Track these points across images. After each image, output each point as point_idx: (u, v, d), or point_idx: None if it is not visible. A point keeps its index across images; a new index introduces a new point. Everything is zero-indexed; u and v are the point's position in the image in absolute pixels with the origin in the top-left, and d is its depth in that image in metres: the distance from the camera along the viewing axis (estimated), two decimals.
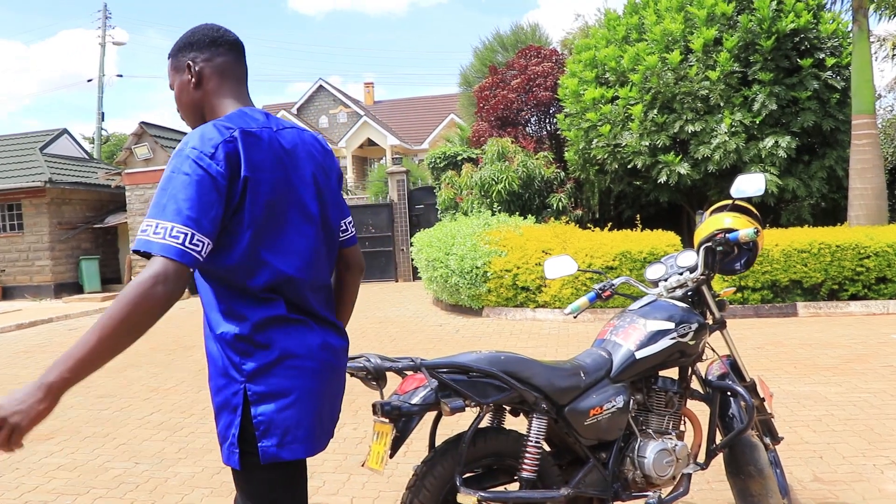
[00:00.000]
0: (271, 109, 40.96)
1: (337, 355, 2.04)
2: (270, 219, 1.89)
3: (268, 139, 1.93)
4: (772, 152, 11.74)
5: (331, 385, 2.01)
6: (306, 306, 1.98)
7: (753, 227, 3.03)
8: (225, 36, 2.08)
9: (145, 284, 1.65)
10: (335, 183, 2.15)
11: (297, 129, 2.09)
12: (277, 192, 1.90)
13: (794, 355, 7.26)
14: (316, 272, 2.01)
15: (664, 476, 2.89)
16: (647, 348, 2.92)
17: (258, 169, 1.86)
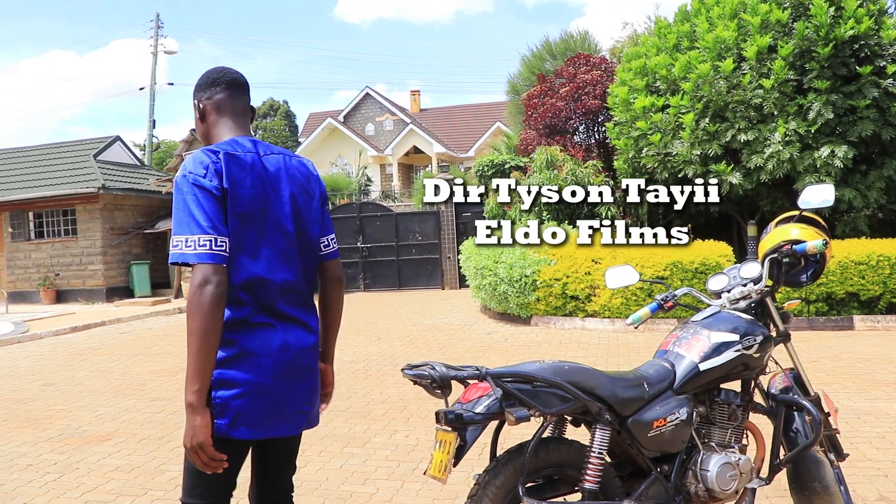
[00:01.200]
0: (318, 118, 41.45)
1: (300, 353, 2.34)
2: (246, 228, 2.25)
3: (250, 161, 2.30)
4: (827, 162, 11.49)
5: (288, 380, 2.29)
6: (275, 307, 2.30)
7: (822, 239, 2.97)
8: (224, 76, 2.47)
9: (197, 292, 2.08)
10: (317, 203, 2.49)
11: (284, 156, 2.44)
12: (254, 205, 2.27)
13: (853, 370, 7.09)
14: (286, 277, 2.34)
15: (727, 490, 2.85)
16: (711, 360, 2.87)
17: (236, 184, 2.23)
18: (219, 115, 2.44)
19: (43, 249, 18.80)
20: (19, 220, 19.02)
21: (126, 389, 7.50)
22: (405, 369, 2.51)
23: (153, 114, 27.59)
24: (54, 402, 7.17)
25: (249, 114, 2.51)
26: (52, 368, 9.11)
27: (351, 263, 18.81)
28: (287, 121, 48.67)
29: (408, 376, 2.49)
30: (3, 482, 4.82)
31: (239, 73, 2.51)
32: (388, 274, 18.63)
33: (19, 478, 4.90)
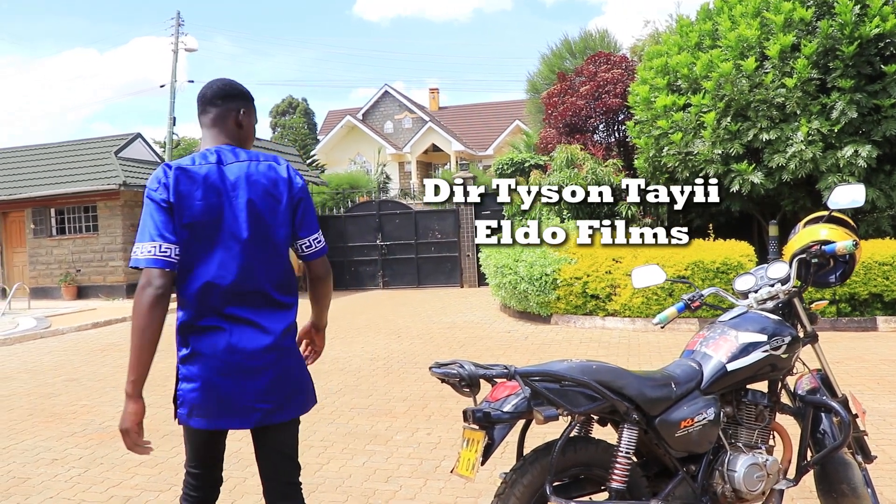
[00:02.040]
0: (337, 115, 41.56)
1: (249, 355, 2.45)
2: (197, 237, 2.41)
3: (204, 174, 2.43)
4: (850, 161, 11.38)
5: (236, 379, 2.45)
6: (223, 311, 2.44)
7: (852, 240, 2.95)
8: (205, 94, 2.62)
9: (139, 291, 2.33)
10: (285, 206, 2.53)
11: (251, 162, 2.52)
12: (205, 216, 2.40)
13: (877, 371, 7.04)
14: (241, 281, 2.44)
15: (754, 491, 2.84)
16: (739, 360, 2.86)
17: (184, 197, 2.39)
18: (203, 130, 2.64)
19: (64, 246, 18.98)
20: (41, 217, 19.21)
21: (148, 386, 7.45)
22: (433, 367, 2.52)
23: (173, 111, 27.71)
24: (78, 397, 7.25)
25: (227, 122, 2.60)
26: (75, 364, 9.20)
27: (370, 261, 18.86)
28: (306, 118, 48.71)
29: (436, 374, 2.50)
30: (29, 476, 4.89)
31: (209, 87, 2.63)
32: (406, 271, 18.67)
33: (46, 472, 4.96)
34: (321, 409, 6.32)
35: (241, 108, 2.62)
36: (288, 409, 2.57)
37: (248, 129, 2.66)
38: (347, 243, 19.02)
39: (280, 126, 48.43)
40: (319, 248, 2.68)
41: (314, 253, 2.67)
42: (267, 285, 2.51)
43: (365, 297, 16.78)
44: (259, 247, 2.48)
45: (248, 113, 2.65)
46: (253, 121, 2.70)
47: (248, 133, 2.67)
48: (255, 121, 2.72)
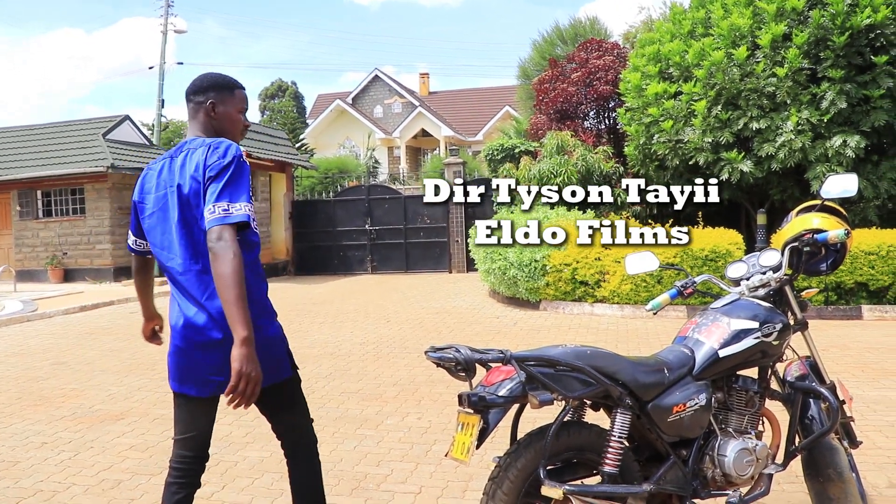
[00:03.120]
0: (327, 99, 41.38)
1: (195, 330, 2.57)
2: (154, 227, 2.66)
3: (159, 168, 2.66)
4: (839, 151, 11.45)
5: (188, 352, 2.61)
6: (176, 290, 2.63)
7: (844, 229, 2.98)
8: (186, 91, 2.76)
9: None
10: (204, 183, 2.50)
11: (189, 150, 2.61)
12: (156, 206, 2.64)
13: (862, 359, 7.11)
14: (176, 263, 2.59)
15: (744, 475, 2.87)
16: (731, 347, 2.89)
17: (144, 193, 2.71)
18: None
19: (51, 228, 18.85)
20: (28, 199, 19.06)
21: (137, 369, 7.55)
22: (429, 352, 2.53)
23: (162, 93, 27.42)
24: (66, 380, 7.23)
25: (198, 115, 2.72)
26: (63, 347, 9.17)
27: (359, 246, 18.86)
28: (296, 102, 48.49)
29: (432, 359, 2.51)
30: (19, 459, 4.88)
31: (193, 81, 2.76)
32: (395, 256, 18.68)
33: (35, 455, 4.95)
34: (311, 393, 6.33)
35: (211, 100, 2.68)
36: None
37: (222, 116, 2.70)
38: (336, 228, 19.00)
39: (269, 109, 48.17)
40: (215, 217, 2.42)
41: (209, 222, 2.43)
42: (196, 265, 2.58)
43: (353, 282, 16.78)
44: (187, 228, 2.57)
45: (221, 102, 2.69)
46: (229, 108, 2.71)
47: (223, 122, 2.71)
48: (234, 107, 2.73)
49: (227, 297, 2.32)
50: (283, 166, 18.99)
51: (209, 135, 2.67)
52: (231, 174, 2.47)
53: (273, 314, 2.78)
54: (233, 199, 2.44)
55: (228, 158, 2.50)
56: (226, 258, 2.34)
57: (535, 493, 2.58)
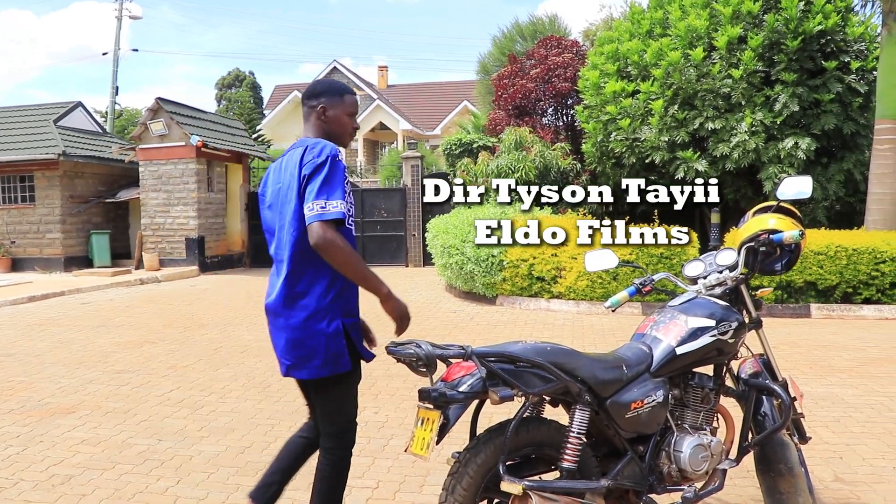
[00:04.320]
0: (284, 90, 40.95)
1: (270, 312, 2.94)
2: (268, 216, 2.96)
3: (275, 165, 2.96)
4: (791, 153, 11.71)
5: (271, 333, 2.96)
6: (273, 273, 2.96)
7: (798, 230, 3.05)
8: (303, 95, 3.01)
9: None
10: (297, 182, 2.75)
11: (291, 149, 2.87)
12: (273, 198, 2.92)
13: (810, 356, 7.28)
14: (272, 250, 2.95)
15: (699, 471, 2.92)
16: (688, 344, 2.94)
17: (265, 186, 3.01)
18: None
19: None
20: None
21: (89, 361, 7.40)
22: (389, 347, 2.53)
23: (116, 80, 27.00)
24: (14, 373, 7.05)
25: (310, 118, 2.95)
26: (11, 338, 8.94)
27: None
28: (253, 92, 47.84)
29: (392, 354, 2.51)
30: None
31: (308, 86, 3.03)
32: None
33: None
34: (267, 387, 6.28)
35: (322, 104, 2.92)
36: (303, 368, 2.85)
37: (333, 119, 2.92)
38: None
39: (226, 99, 47.52)
40: (315, 214, 2.65)
41: (310, 218, 2.67)
42: (281, 254, 2.88)
43: None
44: (279, 220, 2.87)
45: (331, 106, 2.92)
46: (338, 112, 2.93)
47: (332, 124, 2.93)
48: (343, 111, 2.94)
49: (354, 280, 2.75)
50: (240, 157, 18.74)
51: (319, 136, 2.90)
52: (326, 173, 2.69)
53: (341, 312, 2.86)
54: (329, 196, 2.66)
55: (322, 157, 2.71)
56: (332, 251, 2.62)
57: (494, 489, 2.60)
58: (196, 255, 17.01)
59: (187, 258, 17.07)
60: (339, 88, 2.97)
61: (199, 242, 17.07)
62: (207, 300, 12.10)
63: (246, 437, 4.95)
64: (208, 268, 17.33)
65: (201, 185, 17.15)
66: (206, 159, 17.30)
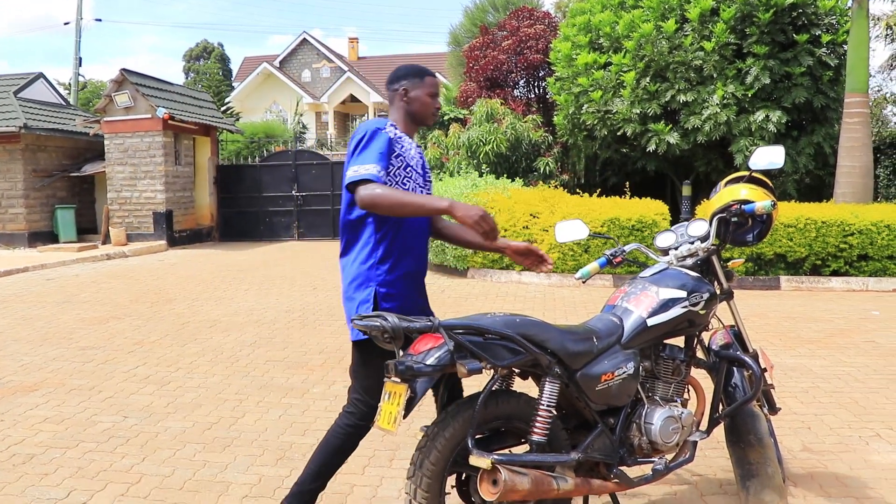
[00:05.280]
0: (253, 62, 40.41)
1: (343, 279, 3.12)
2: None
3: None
4: (762, 126, 11.74)
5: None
6: None
7: (770, 200, 3.01)
8: (387, 81, 3.13)
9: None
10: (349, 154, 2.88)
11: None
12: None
13: (779, 328, 7.33)
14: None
15: (669, 443, 2.91)
16: (659, 316, 2.90)
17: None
18: None
19: None
20: None
21: (53, 338, 7.25)
22: (356, 319, 2.47)
23: (79, 51, 26.36)
24: None
25: (394, 101, 3.06)
26: None
27: (285, 212, 18.55)
28: (221, 64, 47.10)
29: (359, 326, 2.46)
30: None
31: (391, 72, 3.11)
32: (322, 223, 18.43)
33: None
34: (236, 361, 6.19)
35: (404, 86, 3.01)
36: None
37: (415, 100, 3.00)
38: (262, 193, 18.62)
39: (194, 71, 46.80)
40: (349, 178, 2.76)
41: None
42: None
43: (280, 249, 16.51)
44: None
45: (413, 87, 3.00)
46: (419, 93, 3.00)
47: (414, 104, 3.01)
48: (424, 92, 3.01)
49: (413, 213, 2.74)
50: (208, 130, 18.42)
51: (403, 117, 3.02)
52: (364, 143, 2.80)
53: (377, 281, 2.88)
54: (362, 162, 2.74)
55: (361, 133, 2.84)
56: (374, 203, 2.66)
57: (463, 463, 2.56)
58: (164, 229, 16.75)
59: (155, 233, 16.81)
60: (419, 70, 3.06)
61: (167, 216, 16.81)
62: (176, 275, 11.94)
63: (213, 413, 4.87)
64: (177, 242, 17.09)
65: (168, 158, 16.86)
66: (173, 132, 17.00)
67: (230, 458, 4.07)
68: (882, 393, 5.16)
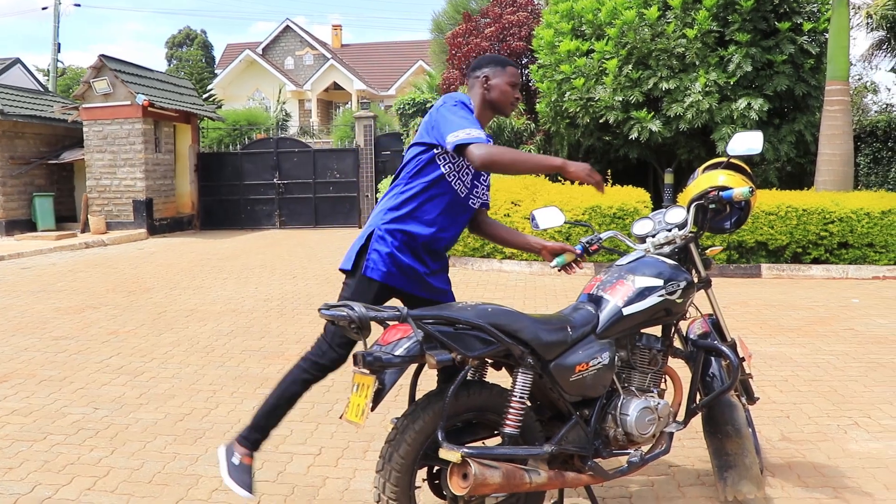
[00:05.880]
0: (236, 49, 40.05)
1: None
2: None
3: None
4: (744, 114, 11.72)
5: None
6: None
7: (748, 186, 2.96)
8: (469, 70, 3.24)
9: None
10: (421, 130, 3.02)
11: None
12: None
13: (760, 316, 7.32)
14: None
15: (646, 434, 2.86)
16: (635, 305, 2.85)
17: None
18: None
19: None
20: None
21: (25, 328, 7.13)
22: (322, 309, 2.40)
23: (58, 36, 26.00)
24: None
25: (474, 88, 3.13)
26: None
27: (267, 200, 18.41)
28: (204, 51, 46.54)
29: (325, 316, 2.39)
30: None
31: (474, 60, 3.32)
32: (304, 211, 18.31)
33: None
34: (211, 351, 6.11)
35: (485, 74, 3.08)
36: None
37: (495, 87, 3.07)
38: (244, 181, 18.46)
39: (177, 58, 46.29)
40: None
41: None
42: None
43: (261, 237, 16.38)
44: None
45: (494, 75, 3.07)
46: (500, 81, 3.07)
47: (494, 92, 3.07)
48: (504, 81, 3.07)
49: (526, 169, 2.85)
50: (189, 117, 18.21)
51: (481, 104, 3.09)
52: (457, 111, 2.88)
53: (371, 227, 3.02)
54: (466, 126, 2.80)
55: (452, 101, 2.93)
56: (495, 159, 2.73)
57: (433, 456, 2.50)
58: (144, 217, 16.57)
59: (135, 221, 16.62)
60: (501, 60, 3.13)
61: (147, 205, 16.63)
62: (155, 263, 11.80)
63: (186, 404, 4.79)
64: (157, 231, 16.91)
65: (148, 145, 16.66)
66: (153, 119, 16.79)
67: (201, 451, 3.99)
68: (860, 381, 5.15)
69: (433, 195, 2.93)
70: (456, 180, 2.95)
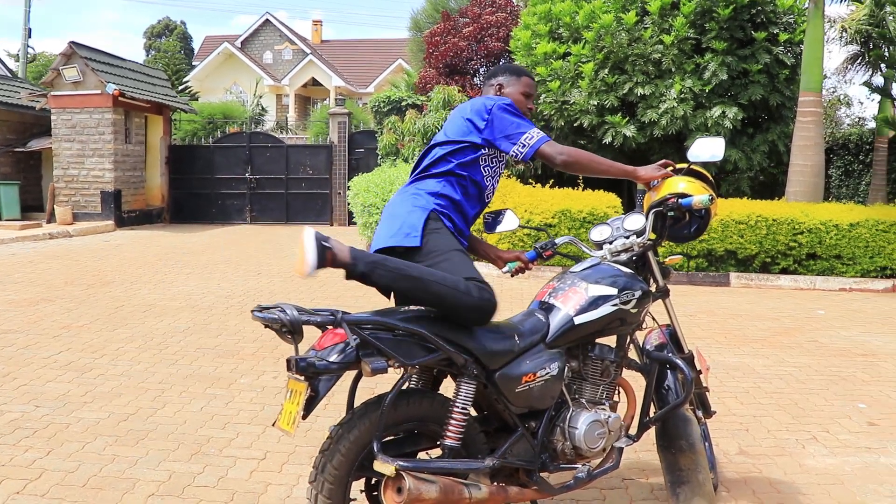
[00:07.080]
0: (215, 41, 39.65)
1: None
2: None
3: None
4: (718, 122, 11.72)
5: None
6: None
7: (708, 194, 2.86)
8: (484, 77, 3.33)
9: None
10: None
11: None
12: None
13: (725, 325, 7.27)
14: None
15: (595, 448, 2.75)
16: (587, 314, 2.74)
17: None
18: None
19: None
20: None
21: None
22: (255, 311, 2.27)
23: (29, 21, 25.49)
24: None
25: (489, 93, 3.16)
26: None
27: (238, 195, 18.18)
28: (183, 43, 46.00)
29: (257, 319, 2.25)
30: None
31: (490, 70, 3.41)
32: (275, 207, 18.10)
33: None
34: (164, 348, 5.94)
35: (500, 82, 3.13)
36: None
37: (509, 96, 3.05)
38: (215, 175, 18.21)
39: (155, 49, 45.71)
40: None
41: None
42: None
43: (230, 232, 16.16)
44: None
45: (508, 84, 3.12)
46: (514, 90, 3.10)
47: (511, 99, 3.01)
48: (518, 90, 3.10)
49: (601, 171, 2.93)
50: (161, 108, 17.92)
51: None
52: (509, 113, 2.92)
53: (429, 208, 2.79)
54: (528, 128, 2.88)
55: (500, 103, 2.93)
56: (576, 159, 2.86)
57: (369, 468, 2.37)
58: (112, 209, 16.26)
59: (103, 212, 16.31)
60: (516, 69, 3.18)
61: (116, 196, 16.33)
62: (119, 257, 11.56)
63: (132, 403, 4.62)
64: (125, 223, 16.61)
65: (118, 136, 16.35)
66: (123, 109, 16.48)
67: (142, 453, 3.84)
68: (821, 394, 5.10)
69: (470, 194, 2.95)
70: (490, 178, 3.00)
